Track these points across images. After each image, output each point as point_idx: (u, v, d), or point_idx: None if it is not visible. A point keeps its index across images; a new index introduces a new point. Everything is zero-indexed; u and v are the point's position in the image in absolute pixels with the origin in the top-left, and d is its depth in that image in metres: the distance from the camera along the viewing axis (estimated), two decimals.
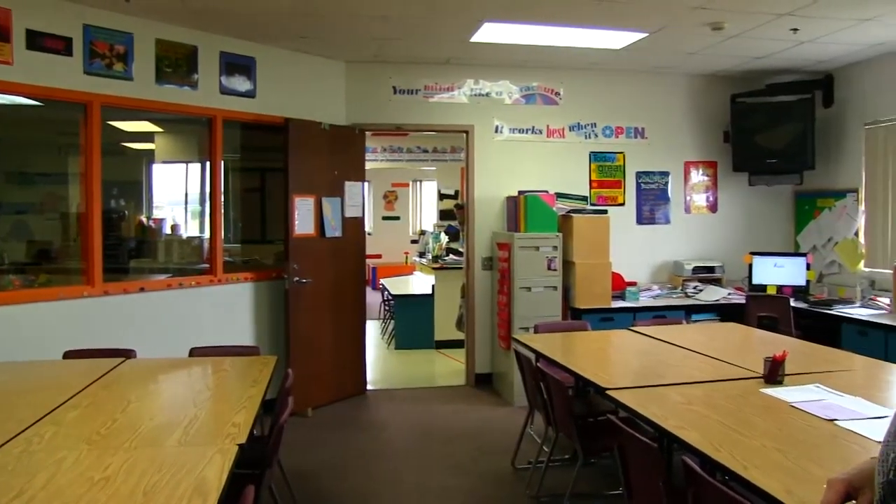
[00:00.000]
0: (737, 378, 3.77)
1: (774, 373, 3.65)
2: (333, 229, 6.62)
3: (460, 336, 7.84)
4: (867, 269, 6.93)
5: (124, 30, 5.39)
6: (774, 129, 7.27)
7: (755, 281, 7.26)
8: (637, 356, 4.64)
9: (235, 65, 6.15)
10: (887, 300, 6.34)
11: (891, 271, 6.33)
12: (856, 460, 2.63)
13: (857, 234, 7.07)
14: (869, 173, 6.96)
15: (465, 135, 7.25)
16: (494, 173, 7.24)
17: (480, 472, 4.97)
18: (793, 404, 3.23)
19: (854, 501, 1.28)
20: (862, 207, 7.03)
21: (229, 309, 6.16)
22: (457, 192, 13.68)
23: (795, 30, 5.69)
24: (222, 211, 6.20)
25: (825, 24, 5.58)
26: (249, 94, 6.26)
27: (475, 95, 7.19)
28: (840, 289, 7.03)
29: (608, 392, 3.51)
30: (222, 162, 6.18)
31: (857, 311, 6.20)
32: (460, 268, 8.32)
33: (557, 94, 7.34)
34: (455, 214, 10.42)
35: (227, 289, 6.14)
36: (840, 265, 7.21)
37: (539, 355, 4.64)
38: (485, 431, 5.85)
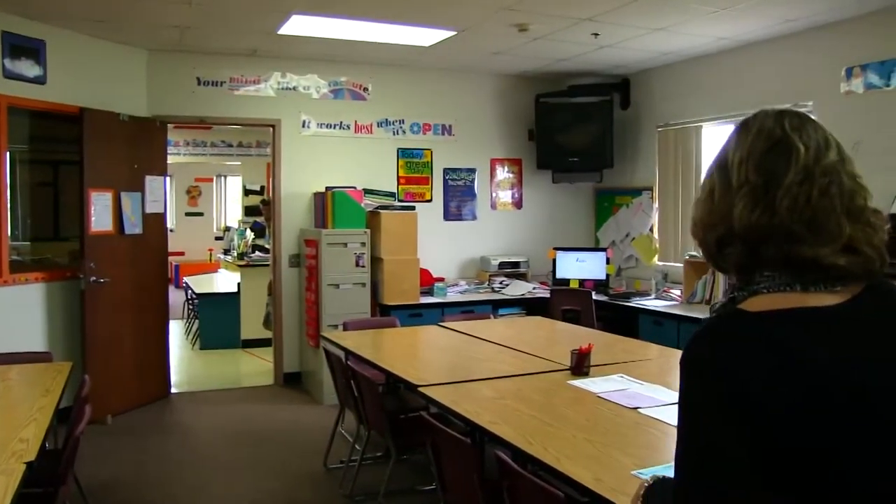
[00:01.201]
0: (545, 371, 3.84)
1: (581, 365, 3.75)
2: (133, 226, 6.19)
3: (268, 335, 7.58)
4: (661, 263, 7.38)
5: None
6: (576, 129, 7.57)
7: (559, 275, 7.52)
8: (447, 352, 4.64)
9: (22, 47, 5.56)
10: (678, 292, 6.76)
11: (681, 265, 6.77)
12: (657, 445, 2.77)
13: (651, 229, 7.50)
14: (661, 172, 7.41)
15: (271, 129, 7.00)
16: (302, 169, 7.04)
17: (292, 474, 4.80)
18: (599, 395, 3.32)
19: None
20: (656, 204, 7.47)
21: (17, 312, 5.57)
22: (262, 187, 13.29)
23: (596, 34, 5.93)
24: (8, 206, 5.60)
25: (623, 30, 5.85)
26: (39, 81, 5.68)
27: (282, 89, 6.95)
28: (637, 282, 7.44)
29: (420, 389, 3.46)
30: (7, 153, 5.60)
31: (653, 303, 6.57)
32: (267, 265, 8.08)
33: (366, 89, 7.26)
34: (261, 210, 10.12)
35: (14, 290, 5.54)
36: (637, 259, 7.64)
37: (349, 353, 4.55)
38: (295, 432, 5.67)
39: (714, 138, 6.99)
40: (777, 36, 6.04)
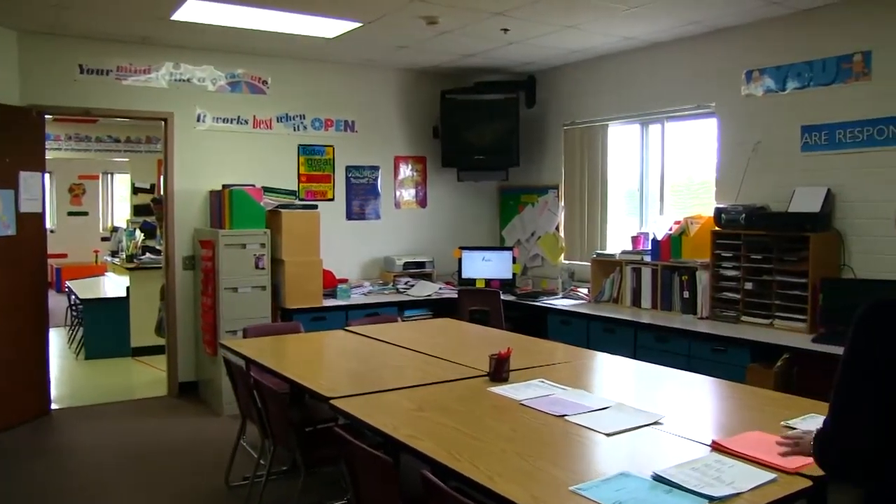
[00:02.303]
0: (463, 378, 3.67)
1: (500, 370, 3.60)
2: (5, 226, 5.69)
3: (161, 342, 7.15)
4: (567, 262, 7.36)
5: None
6: (482, 127, 7.46)
7: (465, 275, 7.42)
8: (357, 359, 4.41)
9: None
10: (586, 291, 6.75)
11: (587, 263, 6.75)
12: (590, 456, 2.64)
13: (557, 228, 7.48)
14: (567, 171, 7.40)
15: (163, 123, 6.58)
16: (196, 166, 6.64)
17: (191, 494, 4.47)
18: (522, 402, 3.18)
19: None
20: (562, 203, 7.45)
21: None
22: (153, 185, 12.70)
23: (506, 30, 5.82)
24: None
25: (534, 27, 5.76)
26: None
27: (175, 80, 6.54)
28: (543, 281, 7.41)
29: (333, 402, 3.23)
30: None
31: (560, 302, 6.53)
32: (159, 267, 7.64)
33: (265, 82, 6.93)
34: (152, 210, 9.62)
35: None
36: (543, 258, 7.60)
37: (250, 361, 4.26)
38: (193, 447, 5.32)
39: (620, 137, 7.01)
40: (682, 37, 6.10)
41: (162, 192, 7.40)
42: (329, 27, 5.80)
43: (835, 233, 5.12)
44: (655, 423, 2.87)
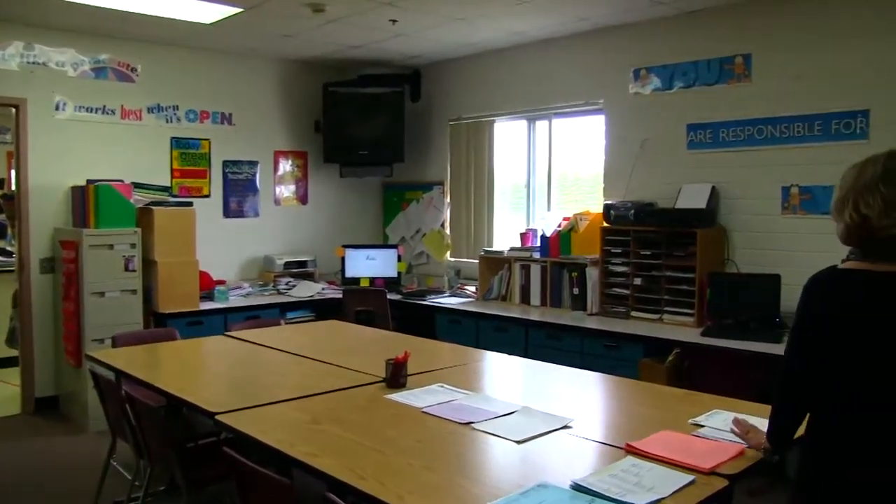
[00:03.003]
0: (358, 385, 3.45)
1: (397, 375, 3.40)
2: None
3: (13, 353, 6.54)
4: (453, 259, 7.25)
5: None
6: (366, 121, 7.24)
7: (348, 274, 7.20)
8: (241, 367, 4.09)
9: None
10: (473, 288, 6.65)
11: (475, 260, 6.65)
12: (504, 465, 2.47)
13: (443, 225, 7.36)
14: (453, 167, 7.29)
15: (13, 110, 5.97)
16: (55, 158, 6.08)
17: None
18: (424, 410, 2.99)
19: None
20: (447, 200, 7.33)
21: None
22: (2, 180, 11.73)
23: (395, 21, 5.62)
24: None
25: (423, 18, 5.59)
26: None
27: (29, 63, 5.95)
28: (429, 279, 7.28)
29: (219, 418, 2.94)
30: None
31: (448, 301, 6.40)
32: (11, 271, 6.98)
33: (134, 69, 6.44)
34: (1, 207, 8.86)
35: None
36: (428, 256, 7.46)
37: (121, 373, 3.88)
38: (55, 470, 4.84)
39: (507, 133, 6.95)
40: (572, 34, 6.09)
41: (13, 188, 6.76)
42: (207, 12, 5.41)
43: (720, 228, 5.21)
44: (565, 426, 2.75)
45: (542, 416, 2.87)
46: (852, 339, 1.96)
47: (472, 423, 2.81)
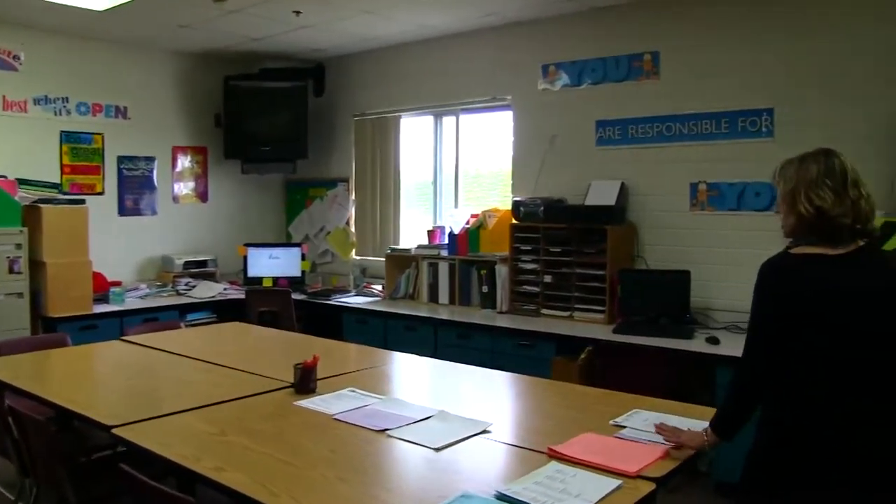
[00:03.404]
0: (265, 391, 3.29)
1: (307, 381, 3.26)
2: None
3: None
4: (358, 258, 7.12)
5: None
6: (268, 116, 7.03)
7: (251, 273, 7.00)
8: (139, 375, 3.86)
9: None
10: (380, 287, 6.53)
11: (381, 259, 6.54)
12: (424, 474, 2.36)
13: (348, 223, 7.23)
14: (358, 163, 7.16)
15: None
16: None
17: None
18: (335, 417, 2.87)
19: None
20: (352, 197, 7.19)
21: None
22: None
23: (298, 12, 5.44)
24: None
25: (328, 10, 5.45)
26: None
27: None
28: (333, 278, 7.13)
29: (115, 432, 2.74)
30: None
31: (355, 300, 6.28)
32: None
33: (17, 57, 6.03)
34: None
35: None
36: (333, 254, 7.30)
37: (3, 385, 3.59)
38: None
39: (413, 129, 6.85)
40: (479, 29, 6.05)
41: None
42: None
43: (630, 225, 5.26)
44: (484, 431, 2.68)
45: (460, 421, 2.79)
46: (820, 312, 2.13)
47: (388, 430, 2.70)
